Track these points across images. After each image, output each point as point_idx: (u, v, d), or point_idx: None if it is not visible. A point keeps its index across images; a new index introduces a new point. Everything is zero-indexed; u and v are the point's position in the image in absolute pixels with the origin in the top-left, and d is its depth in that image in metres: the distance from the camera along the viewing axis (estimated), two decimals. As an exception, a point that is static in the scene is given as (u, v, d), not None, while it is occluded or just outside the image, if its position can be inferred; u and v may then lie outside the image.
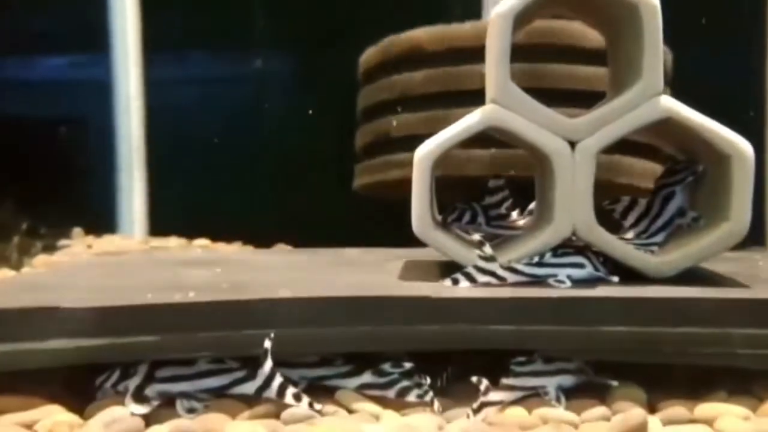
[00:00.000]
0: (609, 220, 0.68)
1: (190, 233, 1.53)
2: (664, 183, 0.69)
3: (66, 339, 0.54)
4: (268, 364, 0.53)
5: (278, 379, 0.53)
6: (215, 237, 1.50)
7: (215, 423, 0.50)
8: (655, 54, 0.63)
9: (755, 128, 1.45)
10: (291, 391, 0.53)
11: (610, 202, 0.69)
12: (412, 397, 0.55)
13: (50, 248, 1.38)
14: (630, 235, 0.68)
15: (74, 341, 0.54)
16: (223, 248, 1.42)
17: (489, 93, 0.65)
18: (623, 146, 1.09)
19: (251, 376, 0.54)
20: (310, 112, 1.70)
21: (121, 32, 1.74)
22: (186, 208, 1.73)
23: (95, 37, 1.75)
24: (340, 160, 1.45)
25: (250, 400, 0.53)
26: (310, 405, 0.52)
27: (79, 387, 0.56)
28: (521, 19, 0.67)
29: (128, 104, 1.75)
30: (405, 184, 0.66)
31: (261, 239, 1.36)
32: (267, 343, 0.53)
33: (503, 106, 0.64)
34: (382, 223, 1.13)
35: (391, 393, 0.55)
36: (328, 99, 1.76)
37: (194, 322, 0.55)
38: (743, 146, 0.62)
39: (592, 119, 0.64)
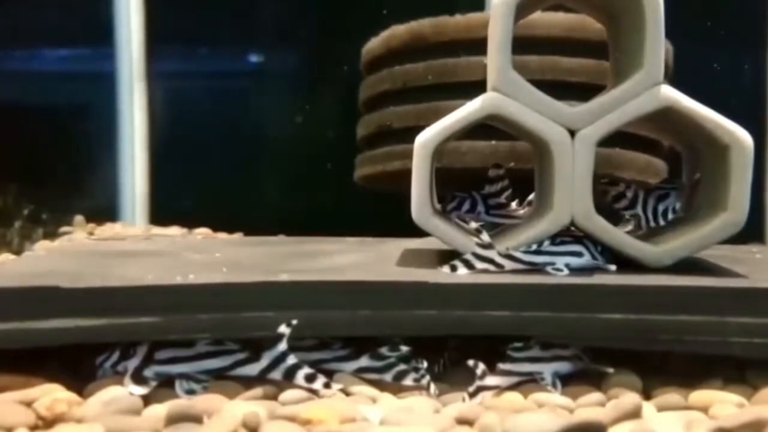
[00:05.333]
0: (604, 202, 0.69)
1: (191, 223, 1.53)
2: (661, 186, 0.74)
3: (66, 319, 0.54)
4: (282, 347, 0.54)
5: (290, 361, 0.54)
6: (216, 227, 1.50)
7: (213, 403, 0.50)
8: (655, 44, 0.63)
9: (755, 120, 1.46)
10: (303, 372, 0.54)
11: (608, 182, 0.70)
12: (408, 381, 0.55)
13: (51, 234, 1.39)
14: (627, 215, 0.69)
15: (74, 321, 0.54)
16: (223, 238, 1.42)
17: (490, 81, 0.65)
18: (624, 140, 1.10)
19: (254, 358, 0.54)
20: (307, 106, 1.71)
21: (126, 25, 1.74)
22: (187, 198, 1.73)
23: (100, 30, 1.75)
24: (342, 151, 1.45)
25: (249, 382, 0.54)
26: (326, 385, 0.53)
27: (79, 367, 0.56)
28: (524, 7, 0.67)
29: (131, 95, 1.75)
30: (406, 175, 0.66)
31: (262, 230, 1.36)
32: (283, 328, 0.54)
33: (504, 93, 0.64)
34: (383, 213, 1.14)
35: (388, 377, 0.56)
36: (329, 90, 1.76)
37: (194, 303, 0.55)
38: (742, 136, 0.62)
39: (592, 108, 0.64)
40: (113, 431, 0.45)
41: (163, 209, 1.72)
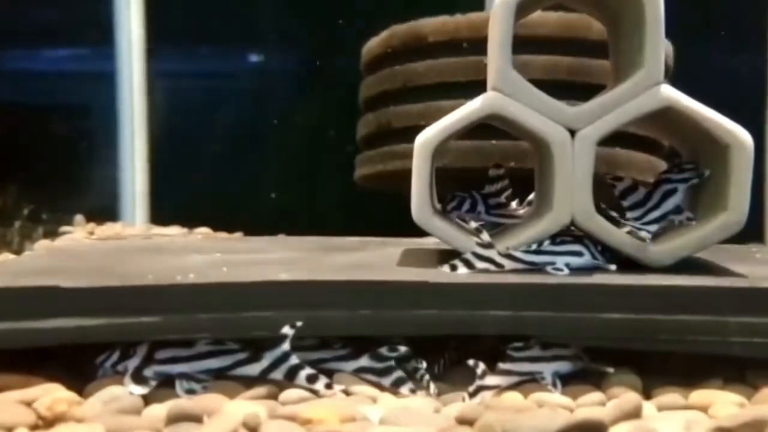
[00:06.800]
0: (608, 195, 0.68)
1: (191, 223, 1.53)
2: (669, 178, 0.69)
3: (66, 318, 0.54)
4: (285, 347, 0.54)
5: (292, 361, 0.54)
6: (216, 227, 1.51)
7: (214, 403, 0.50)
8: (655, 44, 0.63)
9: (755, 120, 1.46)
10: (305, 372, 0.54)
11: (613, 177, 0.69)
12: (405, 390, 0.55)
13: (52, 234, 1.39)
14: (628, 216, 0.68)
15: (74, 321, 0.54)
16: (224, 237, 1.42)
17: (490, 80, 0.65)
18: (624, 139, 1.10)
19: (255, 358, 0.54)
20: (307, 106, 1.71)
21: (126, 25, 1.75)
22: (187, 197, 1.73)
23: (100, 30, 1.76)
24: (342, 150, 1.45)
25: (249, 382, 0.54)
26: (328, 386, 0.53)
27: (80, 366, 0.56)
28: (524, 8, 0.67)
29: (131, 95, 1.76)
30: (406, 175, 0.66)
31: (262, 229, 1.36)
32: (286, 329, 0.54)
33: (504, 93, 0.64)
34: (383, 213, 1.14)
35: (386, 381, 0.56)
36: (329, 89, 1.77)
37: (194, 303, 0.55)
38: (742, 136, 0.62)
39: (593, 108, 0.64)
40: (113, 431, 0.45)
41: (164, 209, 1.72)
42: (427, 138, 0.65)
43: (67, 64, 1.88)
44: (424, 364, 0.56)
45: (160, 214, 1.71)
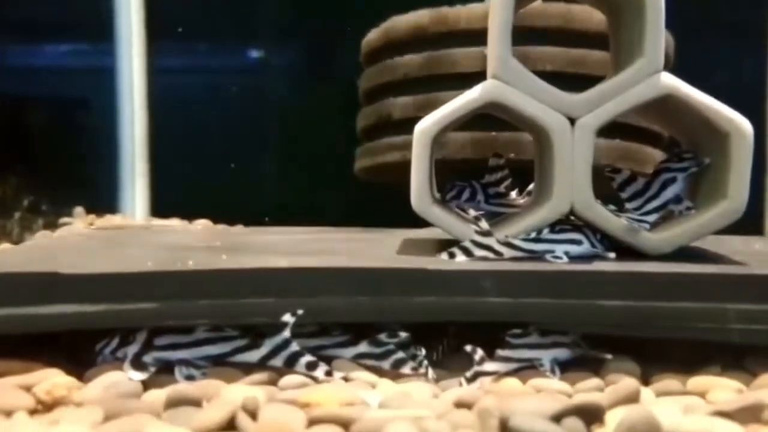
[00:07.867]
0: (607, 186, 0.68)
1: (191, 215, 1.53)
2: (668, 167, 0.69)
3: (66, 305, 0.54)
4: (285, 335, 0.54)
5: (292, 348, 0.54)
6: (217, 219, 1.51)
7: (213, 388, 0.50)
8: (656, 32, 0.63)
9: (755, 109, 1.45)
10: (305, 359, 0.54)
11: (611, 170, 0.69)
12: (407, 369, 0.55)
13: (52, 225, 1.39)
14: (627, 207, 0.68)
15: (74, 307, 0.54)
16: (223, 228, 1.42)
17: (490, 69, 0.65)
18: (626, 131, 1.10)
19: (255, 345, 0.54)
20: (307, 99, 1.71)
21: (126, 20, 1.75)
22: (187, 190, 1.73)
23: (101, 25, 1.76)
24: (341, 143, 1.45)
25: (249, 368, 0.54)
26: (328, 374, 0.53)
27: (79, 353, 0.57)
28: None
29: (132, 90, 1.76)
30: (405, 167, 0.66)
31: (262, 222, 1.36)
32: (287, 317, 0.54)
33: (504, 81, 0.64)
34: (383, 205, 1.14)
35: (386, 364, 0.56)
36: (329, 82, 1.77)
37: (193, 290, 0.55)
38: (742, 124, 0.62)
39: (592, 96, 0.64)
40: (113, 414, 0.45)
41: (163, 201, 1.72)
42: (426, 126, 0.65)
43: (68, 58, 1.88)
44: (423, 351, 0.56)
45: (160, 207, 1.71)
